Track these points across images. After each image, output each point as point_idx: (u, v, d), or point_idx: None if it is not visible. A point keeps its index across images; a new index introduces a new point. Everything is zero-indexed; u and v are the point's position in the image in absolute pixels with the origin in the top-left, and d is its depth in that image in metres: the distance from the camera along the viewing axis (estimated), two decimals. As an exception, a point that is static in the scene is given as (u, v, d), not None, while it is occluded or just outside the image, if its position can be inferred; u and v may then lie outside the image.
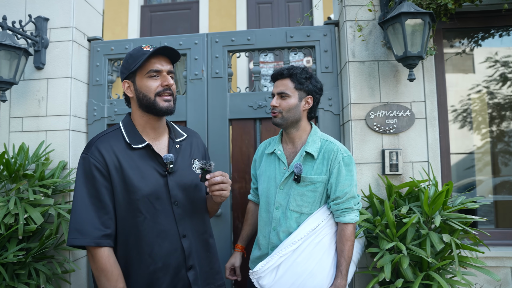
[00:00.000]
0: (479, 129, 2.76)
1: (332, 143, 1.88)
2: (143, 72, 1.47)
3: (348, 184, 1.82)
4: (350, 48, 2.43)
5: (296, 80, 1.86)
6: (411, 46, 2.10)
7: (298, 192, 1.84)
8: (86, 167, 1.42)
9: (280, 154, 1.92)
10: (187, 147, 1.65)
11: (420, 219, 2.01)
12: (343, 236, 1.83)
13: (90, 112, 2.78)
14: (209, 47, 2.73)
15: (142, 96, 1.48)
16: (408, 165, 2.36)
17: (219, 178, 1.40)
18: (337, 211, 1.84)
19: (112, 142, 1.48)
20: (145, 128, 1.54)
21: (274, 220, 1.89)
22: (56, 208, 2.27)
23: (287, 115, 1.86)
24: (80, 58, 2.73)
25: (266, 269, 1.79)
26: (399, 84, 2.39)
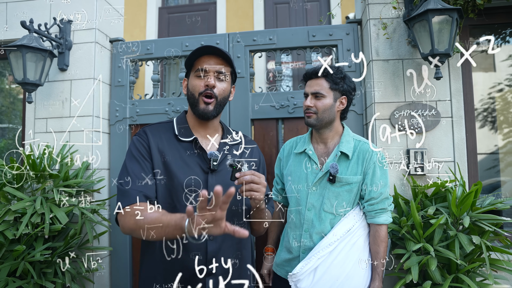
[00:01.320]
0: (501, 129, 2.69)
1: (366, 143, 1.85)
2: (193, 71, 1.50)
3: (383, 184, 1.80)
4: (374, 46, 2.40)
5: (331, 80, 1.81)
6: (438, 44, 2.06)
7: (333, 192, 1.80)
8: (133, 145, 1.49)
9: (311, 154, 1.88)
10: (232, 152, 1.60)
11: (448, 220, 1.97)
12: (378, 237, 1.80)
13: (112, 113, 2.80)
14: (231, 47, 2.73)
15: (190, 95, 1.50)
16: (434, 165, 2.31)
17: (249, 177, 1.33)
18: (371, 212, 1.81)
19: (161, 130, 1.53)
20: (195, 126, 1.56)
21: (307, 221, 1.84)
22: (80, 208, 2.29)
23: (322, 115, 1.82)
24: (103, 59, 2.76)
25: (305, 272, 1.75)
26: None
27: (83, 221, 2.32)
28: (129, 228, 1.33)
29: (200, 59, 1.48)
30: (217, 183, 1.45)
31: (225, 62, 1.51)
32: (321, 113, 1.82)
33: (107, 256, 2.69)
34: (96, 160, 2.63)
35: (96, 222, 2.37)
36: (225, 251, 1.47)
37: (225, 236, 1.44)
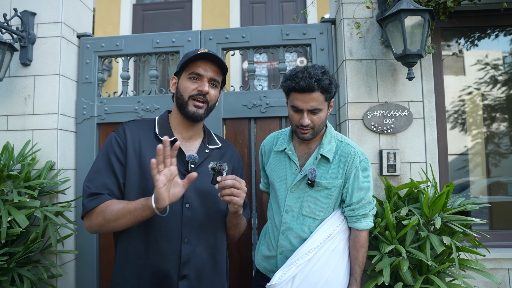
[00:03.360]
0: (470, 130, 2.70)
1: (348, 145, 1.75)
2: (187, 72, 1.48)
3: (365, 189, 1.73)
4: (347, 46, 2.35)
5: (326, 92, 1.61)
6: (411, 44, 2.03)
7: (311, 197, 1.73)
8: (108, 141, 1.46)
9: (291, 154, 1.78)
10: (218, 156, 1.59)
11: (420, 221, 1.94)
12: (357, 242, 1.75)
13: (79, 111, 2.66)
14: (203, 44, 2.63)
15: (179, 95, 1.49)
16: (406, 166, 2.28)
17: (230, 181, 1.30)
18: (352, 217, 1.75)
19: (141, 127, 1.50)
20: (178, 126, 1.53)
21: (284, 223, 1.77)
22: (42, 210, 2.15)
23: (318, 129, 1.68)
24: (69, 55, 2.61)
25: (283, 281, 1.66)
26: (397, 83, 2.32)
27: (46, 224, 2.17)
28: (98, 225, 1.34)
29: (196, 62, 1.47)
30: (195, 186, 1.44)
31: (219, 70, 1.52)
32: (318, 127, 1.67)
33: (72, 260, 2.54)
34: (62, 160, 2.47)
35: (60, 224, 2.23)
36: (199, 255, 1.44)
37: (198, 240, 1.44)
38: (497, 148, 2.69)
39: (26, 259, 2.18)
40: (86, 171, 2.58)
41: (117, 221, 1.30)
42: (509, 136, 2.68)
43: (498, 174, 2.71)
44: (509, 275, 2.29)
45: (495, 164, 2.70)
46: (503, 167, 2.70)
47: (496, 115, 2.69)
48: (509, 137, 2.68)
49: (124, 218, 1.28)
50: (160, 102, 2.63)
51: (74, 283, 2.53)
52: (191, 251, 1.41)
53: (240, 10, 5.69)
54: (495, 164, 2.70)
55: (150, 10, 5.98)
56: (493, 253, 2.27)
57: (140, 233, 1.40)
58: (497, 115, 2.69)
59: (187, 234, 1.41)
